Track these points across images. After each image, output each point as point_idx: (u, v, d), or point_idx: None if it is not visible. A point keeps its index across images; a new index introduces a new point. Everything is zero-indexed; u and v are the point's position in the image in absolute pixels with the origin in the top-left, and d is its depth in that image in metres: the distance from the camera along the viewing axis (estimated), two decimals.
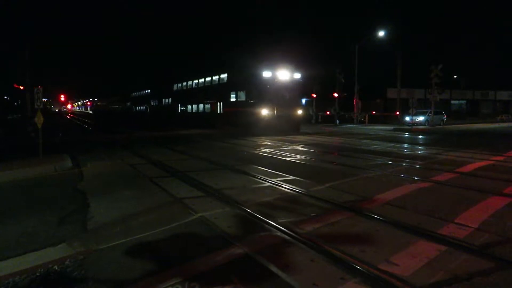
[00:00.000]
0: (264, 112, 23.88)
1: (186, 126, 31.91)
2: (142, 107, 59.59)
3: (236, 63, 29.02)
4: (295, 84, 25.63)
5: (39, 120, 12.38)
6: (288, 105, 24.64)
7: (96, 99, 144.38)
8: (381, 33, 37.40)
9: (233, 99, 27.70)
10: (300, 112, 26.32)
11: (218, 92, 30.17)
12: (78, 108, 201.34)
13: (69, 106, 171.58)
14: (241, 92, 26.65)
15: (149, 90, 54.67)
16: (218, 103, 30.21)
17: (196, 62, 59.74)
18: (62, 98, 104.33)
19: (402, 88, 43.39)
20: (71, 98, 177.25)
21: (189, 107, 37.09)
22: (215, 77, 31.46)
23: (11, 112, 50.94)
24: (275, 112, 24.06)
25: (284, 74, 24.72)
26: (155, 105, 50.45)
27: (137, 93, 63.22)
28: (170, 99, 43.34)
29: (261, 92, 24.27)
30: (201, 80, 34.19)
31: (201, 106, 34.32)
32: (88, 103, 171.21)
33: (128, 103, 70.82)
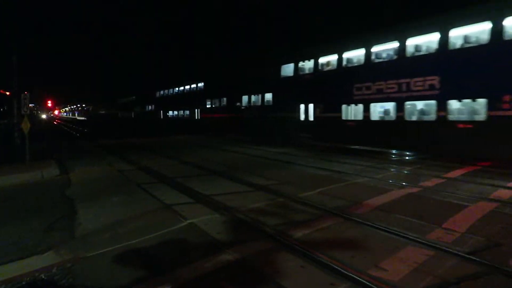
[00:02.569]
0: None
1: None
2: (179, 112, 39.63)
3: None
4: None
5: (25, 126, 12.21)
6: None
7: (84, 105, 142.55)
8: None
9: None
10: None
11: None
12: (65, 114, 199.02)
13: (56, 112, 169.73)
14: None
15: (200, 85, 34.48)
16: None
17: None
18: (49, 104, 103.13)
19: None
20: (58, 104, 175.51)
21: (351, 109, 17.03)
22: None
23: None
24: None
25: None
26: (218, 106, 30.29)
27: (169, 91, 42.63)
28: (263, 96, 23.35)
29: None
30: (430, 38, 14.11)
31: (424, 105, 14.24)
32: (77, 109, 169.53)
33: (150, 107, 50.86)
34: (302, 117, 19.69)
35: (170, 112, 42.38)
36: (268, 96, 22.95)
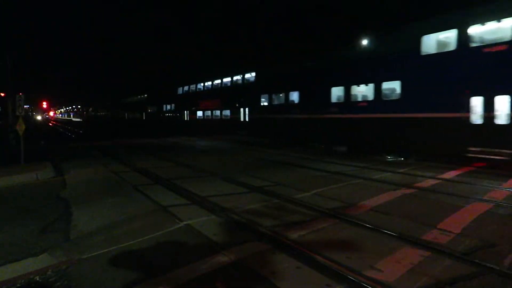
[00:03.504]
0: None
1: None
2: (213, 112, 31.13)
3: None
4: None
5: (20, 127, 12.14)
6: None
7: (79, 106, 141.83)
8: None
9: None
10: None
11: None
12: (61, 115, 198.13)
13: (51, 113, 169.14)
14: None
15: (248, 76, 26.61)
16: None
17: None
18: (44, 105, 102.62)
19: None
20: (53, 105, 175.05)
21: None
22: None
23: None
24: None
25: None
26: (283, 104, 21.48)
27: (198, 87, 34.38)
28: (378, 86, 15.36)
29: None
30: None
31: None
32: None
33: (168, 106, 43.20)
34: (478, 119, 11.90)
35: (200, 113, 33.10)
36: (390, 86, 14.92)
